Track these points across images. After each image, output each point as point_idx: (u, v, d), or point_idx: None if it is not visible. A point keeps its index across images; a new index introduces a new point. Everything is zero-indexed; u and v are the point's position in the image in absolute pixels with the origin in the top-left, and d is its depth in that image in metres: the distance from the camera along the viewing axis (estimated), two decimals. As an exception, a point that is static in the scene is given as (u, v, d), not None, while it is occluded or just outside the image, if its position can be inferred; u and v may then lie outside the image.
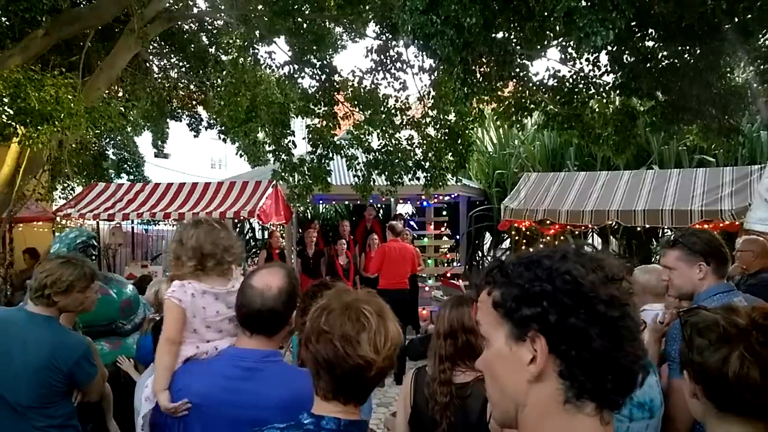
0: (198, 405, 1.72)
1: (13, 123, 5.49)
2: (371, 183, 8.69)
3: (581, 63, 6.55)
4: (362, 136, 8.72)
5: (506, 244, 13.13)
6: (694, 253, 2.36)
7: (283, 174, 8.35)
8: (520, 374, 0.90)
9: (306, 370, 1.38)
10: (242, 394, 1.70)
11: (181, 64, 10.59)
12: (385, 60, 8.41)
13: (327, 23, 8.67)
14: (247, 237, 14.05)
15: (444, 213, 11.68)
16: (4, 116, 5.44)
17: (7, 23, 6.94)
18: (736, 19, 4.98)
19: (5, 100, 5.37)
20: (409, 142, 8.69)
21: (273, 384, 1.72)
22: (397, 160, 8.46)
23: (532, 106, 7.46)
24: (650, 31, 5.67)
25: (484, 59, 5.55)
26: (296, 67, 8.41)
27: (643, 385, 0.90)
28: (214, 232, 2.09)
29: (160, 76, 10.89)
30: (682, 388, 1.28)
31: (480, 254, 13.80)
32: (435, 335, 2.27)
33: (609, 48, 5.27)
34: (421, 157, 8.59)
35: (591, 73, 6.64)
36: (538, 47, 6.45)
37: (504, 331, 0.93)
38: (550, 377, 0.88)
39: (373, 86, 8.57)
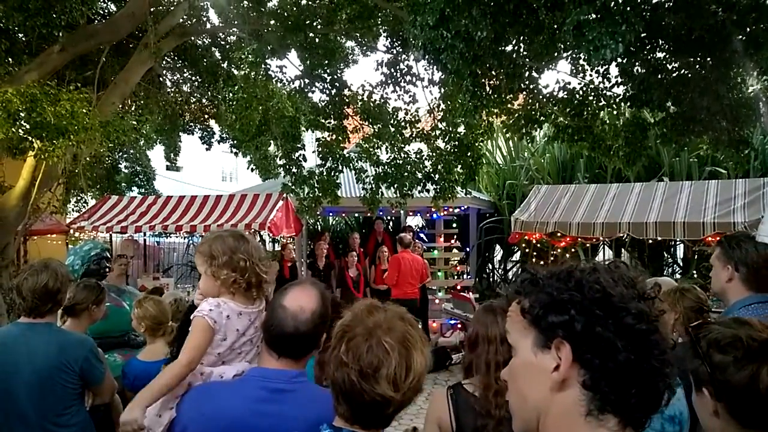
0: (226, 429, 1.57)
1: (30, 137, 5.58)
2: (379, 195, 8.73)
3: (591, 75, 6.54)
4: (371, 149, 8.77)
5: (517, 256, 13.07)
6: (728, 256, 2.39)
7: (293, 187, 8.41)
8: (543, 382, 0.90)
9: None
10: (272, 417, 1.57)
11: (193, 78, 10.72)
12: (395, 73, 8.47)
13: (338, 37, 8.75)
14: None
15: (454, 225, 11.64)
16: (20, 130, 5.52)
17: (24, 39, 7.07)
18: (747, 31, 4.96)
19: (22, 114, 5.45)
20: (418, 155, 8.72)
21: (303, 405, 1.60)
22: (406, 173, 8.49)
23: (542, 118, 7.45)
24: (660, 42, 5.65)
25: (493, 72, 5.56)
26: (307, 81, 8.49)
27: (669, 402, 0.88)
28: (245, 245, 1.92)
29: (172, 90, 11.04)
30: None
31: (490, 266, 13.73)
32: (483, 342, 2.07)
33: (619, 60, 5.27)
34: (431, 170, 8.62)
35: (601, 85, 6.62)
36: (548, 60, 6.46)
37: (530, 339, 0.93)
38: (572, 387, 0.88)
39: (382, 100, 8.63)
